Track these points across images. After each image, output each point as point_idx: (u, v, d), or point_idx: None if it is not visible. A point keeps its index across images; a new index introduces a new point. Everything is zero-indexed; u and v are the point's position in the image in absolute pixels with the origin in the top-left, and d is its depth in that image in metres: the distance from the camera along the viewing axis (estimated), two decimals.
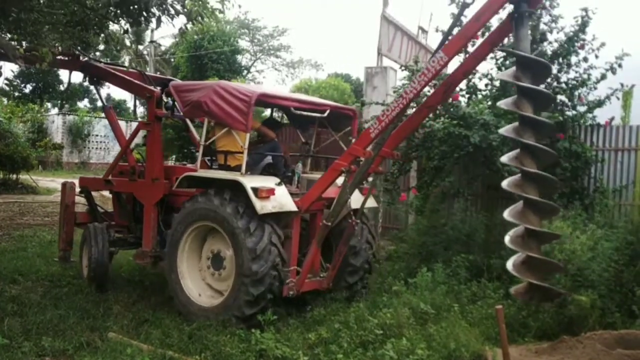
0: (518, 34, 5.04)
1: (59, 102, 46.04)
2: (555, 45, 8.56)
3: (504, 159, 5.11)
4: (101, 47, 18.31)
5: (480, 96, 8.60)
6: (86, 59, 8.60)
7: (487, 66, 8.84)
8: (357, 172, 6.27)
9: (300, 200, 6.51)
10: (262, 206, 6.00)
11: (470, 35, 5.52)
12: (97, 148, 35.19)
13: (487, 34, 6.24)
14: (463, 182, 8.42)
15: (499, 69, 8.68)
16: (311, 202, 6.49)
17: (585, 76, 8.59)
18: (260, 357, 5.12)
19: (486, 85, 8.94)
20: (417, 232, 8.03)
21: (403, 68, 9.50)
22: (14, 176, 23.02)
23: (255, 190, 6.02)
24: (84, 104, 50.89)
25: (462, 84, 8.67)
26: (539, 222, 4.96)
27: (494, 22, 6.31)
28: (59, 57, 7.98)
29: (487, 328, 6.11)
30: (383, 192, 9.01)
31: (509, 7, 5.27)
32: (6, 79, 37.12)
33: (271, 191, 6.10)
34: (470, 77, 8.64)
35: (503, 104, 5.20)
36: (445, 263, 7.29)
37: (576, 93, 8.61)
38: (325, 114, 7.14)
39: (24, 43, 7.43)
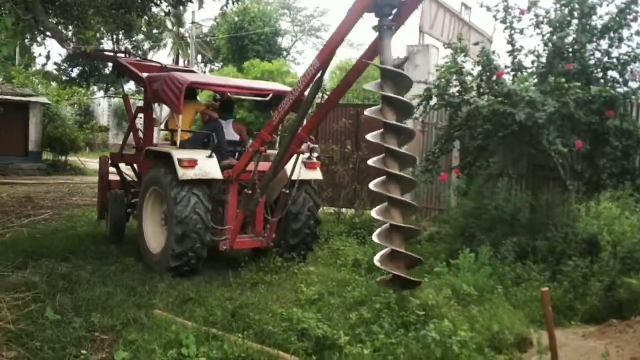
0: (381, 45, 5.53)
1: (105, 85, 47.11)
2: (606, 18, 8.20)
3: (371, 162, 5.57)
4: (144, 29, 18.53)
5: (526, 73, 8.33)
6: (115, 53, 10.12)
7: (533, 42, 8.56)
8: (278, 153, 7.38)
9: (231, 171, 7.71)
10: (184, 173, 7.24)
11: (335, 46, 6.18)
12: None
13: None
14: (508, 162, 8.21)
15: (546, 45, 8.39)
16: (237, 174, 7.65)
17: (638, 51, 8.22)
18: (302, 336, 5.15)
19: (532, 62, 8.66)
20: (461, 214, 7.89)
21: (446, 46, 9.28)
22: (63, 158, 23.77)
23: (180, 160, 7.27)
24: (128, 87, 51.96)
25: (507, 61, 8.45)
26: (401, 218, 5.40)
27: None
28: (98, 51, 9.14)
29: (531, 311, 6.02)
30: (420, 173, 8.89)
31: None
32: (55, 63, 38.09)
33: (194, 162, 7.31)
34: (515, 53, 8.39)
35: (369, 112, 5.71)
36: (489, 245, 7.16)
37: (628, 69, 8.24)
38: (268, 98, 8.24)
39: (70, 27, 7.58)
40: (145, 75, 8.91)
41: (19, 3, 6.18)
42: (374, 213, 5.60)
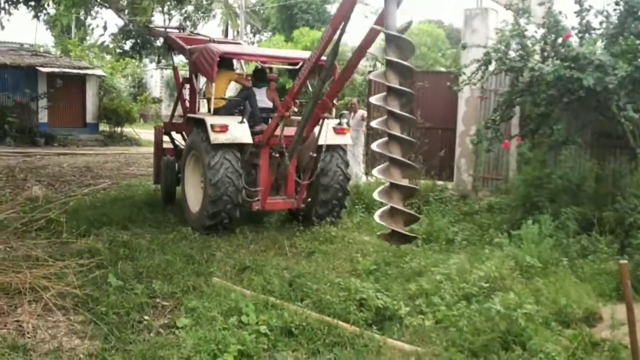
0: (385, 11, 5.50)
1: (156, 57, 47.78)
2: None
3: (374, 123, 5.72)
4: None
5: (594, 35, 7.85)
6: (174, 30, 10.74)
7: (602, 2, 8.02)
8: (302, 118, 7.49)
9: (262, 135, 8.15)
10: (216, 138, 7.70)
11: (346, 11, 6.33)
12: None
13: None
14: (572, 130, 7.82)
15: (617, 3, 7.85)
16: (267, 138, 8.04)
17: None
18: (361, 306, 5.08)
19: (601, 23, 8.13)
20: (523, 183, 7.60)
21: (507, 7, 8.85)
22: (119, 129, 24.35)
23: (212, 125, 7.72)
24: (179, 58, 52.43)
25: (574, 21, 7.97)
26: (400, 177, 5.45)
27: None
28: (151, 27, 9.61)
29: (599, 284, 5.78)
30: (474, 142, 8.60)
31: None
32: (112, 33, 38.70)
33: (225, 127, 7.75)
34: (583, 13, 7.90)
35: (373, 75, 6.04)
36: (552, 215, 6.89)
37: None
38: (298, 66, 8.18)
39: None
40: (188, 47, 9.35)
41: None
42: (375, 171, 5.73)
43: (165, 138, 10.40)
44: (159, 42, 42.51)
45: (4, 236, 6.28)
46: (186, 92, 9.86)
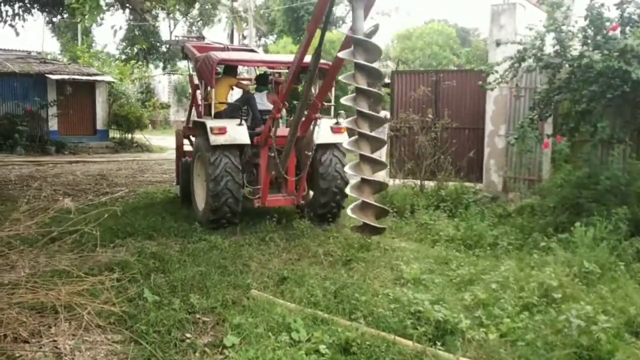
0: (354, 15, 5.79)
1: (162, 62, 47.53)
2: None
3: (343, 122, 6.58)
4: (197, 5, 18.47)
5: (636, 28, 7.50)
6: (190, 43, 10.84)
7: None
8: (293, 119, 7.83)
9: (260, 137, 8.51)
10: (215, 139, 8.12)
11: (318, 17, 6.57)
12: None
13: None
14: (616, 127, 7.49)
15: None
16: (264, 139, 8.36)
17: None
18: (417, 319, 4.76)
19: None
20: (567, 183, 7.26)
21: (541, 1, 8.53)
22: (129, 135, 24.09)
23: (212, 128, 8.16)
24: (184, 63, 52.23)
25: (616, 14, 7.63)
26: (371, 172, 5.80)
27: None
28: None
29: None
30: (508, 143, 8.29)
31: None
32: (121, 40, 38.42)
33: (223, 129, 8.17)
34: (624, 6, 7.57)
35: (343, 77, 6.11)
36: (601, 217, 6.55)
37: None
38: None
39: None
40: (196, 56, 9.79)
41: None
42: (347, 168, 6.18)
43: (186, 141, 10.70)
44: (165, 47, 42.22)
45: (34, 251, 5.99)
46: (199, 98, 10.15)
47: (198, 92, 10.07)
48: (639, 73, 6.57)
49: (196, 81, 10.02)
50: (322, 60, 7.46)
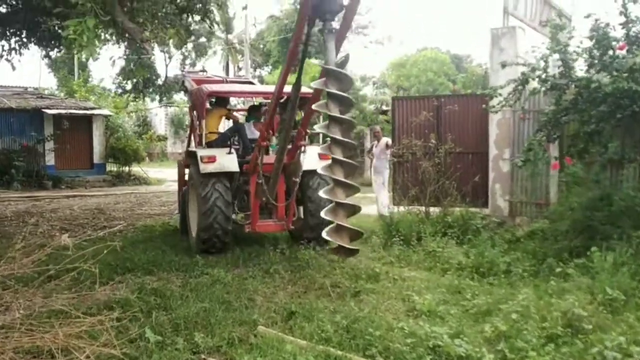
0: (325, 46, 6.05)
1: (158, 95, 47.66)
2: None
3: (319, 149, 6.62)
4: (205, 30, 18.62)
5: None
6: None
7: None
8: (278, 147, 8.01)
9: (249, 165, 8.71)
10: (204, 167, 8.40)
11: (293, 51, 6.77)
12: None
13: None
14: (627, 147, 7.32)
15: None
16: (252, 166, 8.49)
17: None
18: (437, 354, 4.49)
19: None
20: (580, 205, 7.05)
21: (543, 24, 8.45)
22: (127, 168, 23.91)
23: (202, 157, 8.47)
24: (180, 96, 52.45)
25: (621, 33, 7.53)
26: (344, 196, 6.03)
27: None
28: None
29: None
30: (515, 166, 8.13)
31: None
32: (117, 74, 38.55)
33: (213, 157, 8.47)
34: (630, 25, 7.48)
35: (316, 106, 6.28)
36: (620, 240, 6.33)
37: None
38: (283, 100, 8.16)
39: (148, 26, 7.21)
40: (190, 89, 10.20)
41: (97, 2, 5.77)
42: (321, 192, 6.35)
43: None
44: (160, 80, 42.28)
45: (29, 291, 5.72)
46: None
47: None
48: None
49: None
50: (304, 90, 7.64)
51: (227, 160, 8.59)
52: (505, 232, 9.19)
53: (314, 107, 6.61)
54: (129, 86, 45.79)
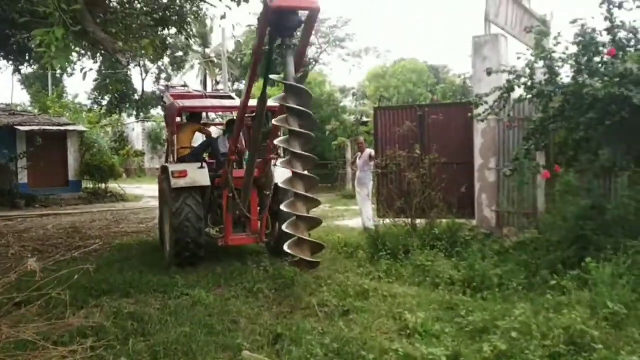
0: (285, 62, 6.23)
1: (135, 110, 46.98)
2: None
3: (280, 163, 6.74)
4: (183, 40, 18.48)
5: (632, 50, 7.27)
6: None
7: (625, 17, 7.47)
8: (248, 160, 8.26)
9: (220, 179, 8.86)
10: (176, 182, 8.47)
11: (254, 66, 6.98)
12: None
13: None
14: (617, 154, 7.15)
15: None
16: (223, 181, 8.70)
17: None
18: None
19: (629, 40, 7.59)
20: (573, 215, 6.85)
21: (528, 30, 8.33)
22: (103, 185, 23.33)
23: (173, 172, 8.54)
24: (157, 111, 51.80)
25: (607, 39, 7.41)
26: (305, 210, 6.24)
27: None
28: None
29: None
30: (504, 175, 7.96)
31: None
32: (92, 89, 38.02)
33: (184, 172, 8.53)
34: (615, 30, 7.36)
35: (276, 121, 6.55)
36: (615, 250, 6.15)
37: None
38: (253, 114, 8.30)
39: (122, 36, 6.89)
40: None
41: (67, 12, 5.44)
42: (283, 206, 6.47)
43: None
44: (137, 95, 41.91)
45: None
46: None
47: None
48: None
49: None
50: (272, 103, 8.06)
51: (198, 175, 8.65)
52: (494, 244, 8.98)
53: (273, 122, 6.89)
54: (105, 102, 45.19)
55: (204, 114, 11.26)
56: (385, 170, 10.73)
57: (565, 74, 7.68)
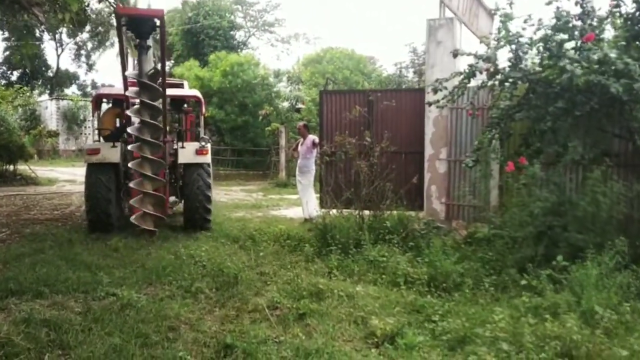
0: (139, 59, 8.33)
1: (49, 87, 43.76)
2: None
3: (130, 147, 8.96)
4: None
5: (609, 36, 6.92)
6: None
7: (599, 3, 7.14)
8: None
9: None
10: (88, 158, 9.81)
11: (123, 59, 9.47)
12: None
13: None
14: (587, 147, 6.78)
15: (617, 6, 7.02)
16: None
17: None
18: None
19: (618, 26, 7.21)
20: (542, 210, 6.42)
21: (494, 12, 7.85)
22: (12, 167, 21.27)
23: (87, 149, 10.07)
24: (72, 90, 48.67)
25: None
26: (151, 187, 8.72)
27: None
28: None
29: None
30: (472, 163, 7.48)
31: None
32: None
33: (97, 150, 9.81)
34: (585, 16, 6.99)
35: (130, 111, 8.89)
36: (584, 249, 5.77)
37: None
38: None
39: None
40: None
41: None
42: (132, 184, 8.87)
43: None
44: (51, 72, 38.95)
45: None
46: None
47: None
48: (618, 88, 5.89)
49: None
50: (186, 92, 11.64)
51: (109, 153, 9.79)
52: (446, 237, 8.54)
53: (127, 112, 9.14)
54: (14, 77, 41.66)
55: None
56: (332, 158, 10.02)
57: (532, 60, 7.25)
